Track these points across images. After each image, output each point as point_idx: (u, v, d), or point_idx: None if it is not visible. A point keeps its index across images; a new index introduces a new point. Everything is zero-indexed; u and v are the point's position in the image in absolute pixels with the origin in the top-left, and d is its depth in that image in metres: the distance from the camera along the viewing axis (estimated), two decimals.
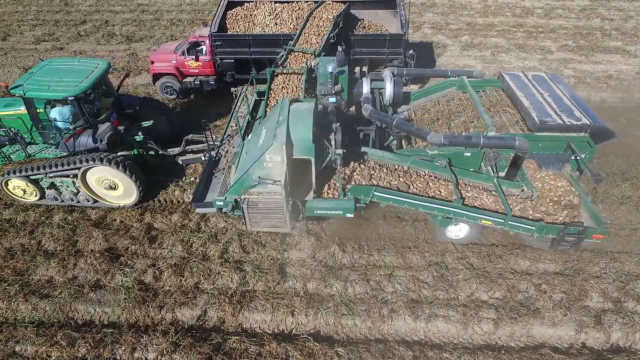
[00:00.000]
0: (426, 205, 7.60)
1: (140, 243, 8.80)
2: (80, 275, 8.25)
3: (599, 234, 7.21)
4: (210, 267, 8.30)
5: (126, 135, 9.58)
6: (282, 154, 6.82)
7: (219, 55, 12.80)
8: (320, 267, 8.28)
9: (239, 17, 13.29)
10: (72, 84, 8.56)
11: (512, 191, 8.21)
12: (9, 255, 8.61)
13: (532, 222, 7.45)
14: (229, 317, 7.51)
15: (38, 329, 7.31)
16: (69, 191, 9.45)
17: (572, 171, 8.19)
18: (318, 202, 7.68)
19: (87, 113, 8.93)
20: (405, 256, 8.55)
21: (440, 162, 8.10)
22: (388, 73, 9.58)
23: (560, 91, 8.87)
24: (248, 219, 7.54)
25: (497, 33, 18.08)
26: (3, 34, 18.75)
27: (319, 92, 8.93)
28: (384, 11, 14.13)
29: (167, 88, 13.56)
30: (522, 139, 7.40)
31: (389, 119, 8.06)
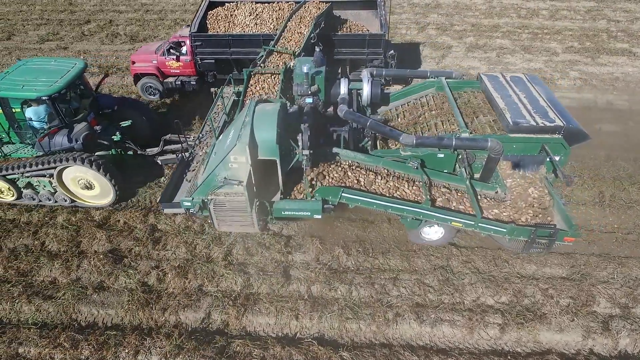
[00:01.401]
0: (395, 207, 7.54)
1: (144, 244, 8.77)
2: (83, 276, 8.23)
3: (570, 236, 7.14)
4: (214, 269, 8.26)
5: (104, 135, 9.55)
6: (246, 154, 6.84)
7: (199, 55, 12.79)
8: (324, 270, 8.22)
9: (220, 18, 13.26)
10: (46, 83, 8.57)
11: (487, 193, 8.18)
12: (13, 256, 8.59)
13: (503, 224, 7.37)
14: (233, 320, 7.46)
15: (41, 331, 7.29)
16: (46, 191, 9.43)
17: (547, 173, 8.11)
18: (285, 203, 7.66)
19: (63, 113, 8.93)
20: (410, 259, 8.49)
21: (412, 164, 8.06)
22: (366, 74, 9.56)
23: (536, 92, 8.83)
24: (215, 220, 7.59)
25: (502, 34, 17.98)
26: (7, 33, 18.77)
27: (295, 93, 8.94)
28: (365, 11, 14.05)
29: (148, 88, 13.60)
30: (495, 141, 7.42)
31: (363, 120, 8.07)
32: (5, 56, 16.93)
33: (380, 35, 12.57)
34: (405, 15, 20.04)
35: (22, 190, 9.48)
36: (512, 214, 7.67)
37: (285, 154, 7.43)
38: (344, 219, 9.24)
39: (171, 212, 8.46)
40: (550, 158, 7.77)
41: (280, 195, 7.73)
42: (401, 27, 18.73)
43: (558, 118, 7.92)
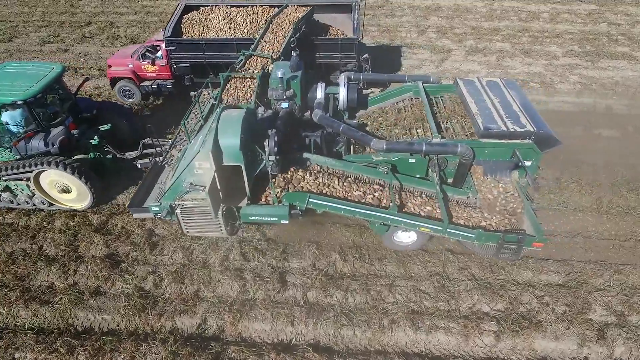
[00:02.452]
0: (363, 212, 7.56)
1: (141, 249, 8.80)
2: (80, 281, 8.26)
3: (538, 241, 7.14)
4: (211, 274, 8.28)
5: (82, 139, 9.59)
6: (210, 160, 6.86)
7: (174, 59, 12.85)
8: (320, 276, 8.23)
9: (195, 21, 13.28)
10: (22, 88, 8.62)
11: (459, 198, 8.23)
12: (10, 260, 8.63)
13: (471, 229, 7.39)
14: (229, 326, 7.48)
15: (38, 336, 7.31)
16: (24, 194, 9.49)
17: (519, 178, 8.11)
18: (252, 209, 7.67)
19: (40, 117, 8.97)
20: (407, 266, 8.49)
21: (383, 169, 8.11)
22: (343, 78, 9.62)
23: (511, 97, 8.88)
24: (183, 225, 7.65)
25: (502, 38, 17.97)
26: (9, 35, 18.85)
27: (271, 97, 8.97)
28: (341, 15, 14.08)
29: (125, 92, 13.70)
30: (465, 146, 7.50)
31: (336, 125, 8.13)
32: (7, 58, 16.99)
33: (353, 39, 12.62)
34: (406, 18, 20.06)
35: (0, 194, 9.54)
36: (483, 219, 7.73)
37: (252, 159, 7.47)
38: (341, 224, 9.25)
39: (140, 216, 8.49)
40: (522, 163, 7.82)
41: (247, 201, 7.75)
42: (401, 30, 18.74)
43: (529, 123, 7.99)
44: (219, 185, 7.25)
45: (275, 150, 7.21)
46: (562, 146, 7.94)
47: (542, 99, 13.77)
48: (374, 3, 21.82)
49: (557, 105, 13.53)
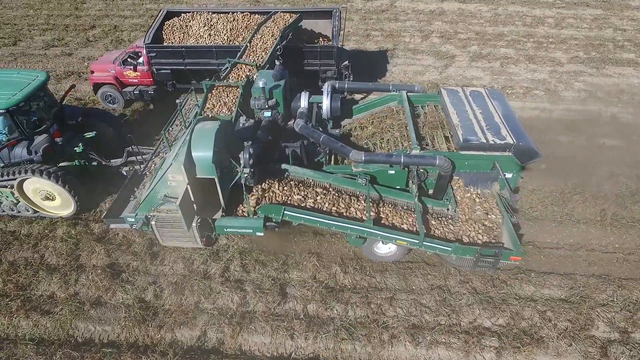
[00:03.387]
0: (338, 225, 7.54)
1: (142, 259, 8.80)
2: (81, 291, 8.27)
3: (516, 255, 7.12)
4: (211, 285, 8.27)
5: (67, 147, 9.62)
6: (182, 173, 6.86)
7: (155, 66, 12.91)
8: (321, 289, 8.20)
9: (175, 28, 13.28)
10: (4, 96, 8.66)
11: (439, 210, 8.22)
12: (12, 269, 8.66)
13: (448, 243, 7.36)
14: (228, 338, 7.47)
15: (38, 347, 7.33)
16: (8, 201, 9.54)
17: (500, 190, 8.07)
18: (227, 221, 7.67)
19: (24, 125, 9.02)
20: (408, 278, 8.44)
21: (361, 180, 8.09)
22: (327, 87, 9.61)
23: (493, 108, 8.85)
24: (158, 236, 7.65)
25: (507, 43, 17.85)
26: (14, 38, 18.94)
27: (253, 107, 8.99)
28: (323, 21, 14.05)
29: (107, 97, 13.81)
30: (443, 158, 7.52)
31: (316, 135, 8.13)
32: (11, 62, 17.08)
33: (332, 47, 12.60)
34: (410, 23, 19.97)
35: None
36: (461, 231, 7.72)
37: (227, 171, 7.45)
38: (341, 235, 9.21)
39: (117, 227, 8.45)
40: (502, 175, 7.81)
41: (222, 213, 7.75)
42: (405, 35, 18.67)
43: (509, 135, 7.98)
44: (192, 198, 7.24)
45: (251, 162, 7.22)
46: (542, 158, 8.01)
47: (546, 107, 13.68)
48: (378, 7, 21.79)
49: (561, 113, 13.43)
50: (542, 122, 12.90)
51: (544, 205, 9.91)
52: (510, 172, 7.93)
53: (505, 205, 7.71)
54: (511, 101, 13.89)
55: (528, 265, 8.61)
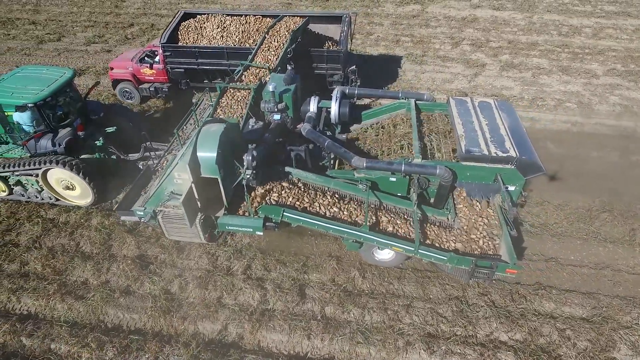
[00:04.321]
0: (335, 229, 7.68)
1: (169, 252, 9.20)
2: (112, 279, 8.74)
3: (512, 268, 7.08)
4: (234, 282, 8.58)
5: (89, 140, 10.18)
6: (187, 172, 7.19)
7: (170, 64, 13.44)
8: (339, 292, 8.38)
9: (190, 29, 13.76)
10: (33, 91, 9.22)
11: (438, 219, 8.28)
12: (50, 255, 9.23)
13: (444, 252, 7.39)
14: (248, 334, 7.75)
15: (72, 329, 7.82)
16: (33, 189, 10.16)
17: (502, 202, 7.98)
18: (229, 219, 7.98)
19: (50, 118, 9.57)
20: (426, 287, 8.51)
21: (362, 186, 8.21)
22: (337, 92, 9.74)
23: (500, 120, 8.80)
24: (164, 229, 7.97)
25: (540, 53, 17.50)
26: (58, 34, 19.92)
27: (263, 109, 9.23)
28: (334, 26, 14.20)
29: (125, 93, 14.51)
30: (444, 168, 7.61)
31: (322, 140, 8.34)
32: (55, 57, 18.00)
33: (339, 51, 12.77)
34: (440, 29, 19.85)
35: (12, 188, 10.28)
36: (458, 241, 7.76)
37: (231, 172, 7.74)
38: None
39: (127, 219, 8.87)
40: (504, 187, 7.78)
41: (224, 211, 8.03)
42: (435, 42, 18.58)
43: (513, 148, 7.96)
44: (197, 196, 7.62)
45: (254, 164, 7.47)
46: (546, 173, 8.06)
47: (578, 120, 13.38)
48: (409, 13, 21.74)
49: (593, 127, 13.10)
50: (573, 136, 12.64)
51: (570, 222, 9.75)
52: (513, 185, 7.93)
53: (506, 217, 7.72)
54: (541, 113, 13.73)
55: (549, 281, 8.53)
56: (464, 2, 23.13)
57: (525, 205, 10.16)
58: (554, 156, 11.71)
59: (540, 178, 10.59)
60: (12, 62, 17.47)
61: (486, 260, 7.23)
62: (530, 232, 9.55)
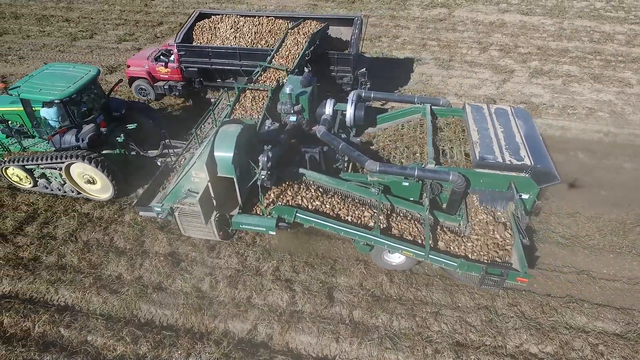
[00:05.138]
0: (347, 231, 7.75)
1: (199, 251, 9.39)
2: (145, 275, 8.96)
3: (522, 277, 7.03)
4: (263, 282, 8.71)
5: (111, 136, 10.47)
6: (204, 171, 7.37)
7: (184, 64, 13.69)
8: (367, 296, 8.42)
9: (205, 29, 13.91)
10: (60, 88, 9.49)
11: (450, 225, 8.29)
12: (86, 248, 9.51)
13: (454, 258, 7.37)
14: (277, 335, 7.86)
15: (107, 322, 8.05)
16: (56, 182, 10.54)
17: (515, 210, 7.88)
18: (243, 218, 8.12)
19: (75, 114, 9.89)
20: (454, 295, 8.49)
21: (374, 190, 8.26)
22: (352, 95, 9.79)
23: (516, 127, 8.71)
24: (180, 226, 8.17)
25: (571, 60, 17.19)
26: (90, 32, 20.44)
27: (280, 111, 9.35)
28: (346, 28, 14.20)
29: (140, 90, 14.95)
30: (457, 174, 7.61)
31: (336, 142, 8.41)
32: (87, 54, 18.48)
33: (349, 54, 12.80)
34: (468, 34, 19.67)
35: (37, 180, 10.66)
36: (470, 247, 7.74)
37: (246, 172, 7.87)
38: None
39: (146, 215, 9.07)
40: (518, 195, 7.72)
41: (239, 210, 8.19)
42: (462, 47, 18.42)
43: (528, 157, 7.87)
44: (212, 194, 7.80)
45: (269, 165, 7.61)
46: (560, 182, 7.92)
47: (611, 130, 13.11)
48: (435, 16, 21.59)
49: (627, 138, 12.83)
50: (605, 147, 12.39)
51: (602, 235, 9.58)
52: (527, 193, 7.88)
53: (518, 225, 7.67)
54: (572, 122, 13.51)
55: (581, 294, 8.41)
56: (491, 6, 22.86)
57: (556, 216, 10.05)
58: (585, 167, 11.53)
59: (572, 189, 10.55)
60: (47, 58, 18.01)
61: (497, 268, 7.25)
62: (561, 244, 9.42)
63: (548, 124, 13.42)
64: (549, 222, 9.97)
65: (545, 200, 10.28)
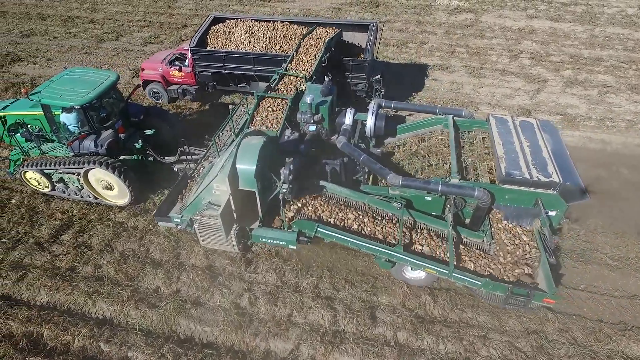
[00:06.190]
0: (369, 247, 7.57)
1: (237, 265, 9.22)
2: (182, 289, 8.81)
3: (550, 298, 6.79)
4: (303, 300, 8.50)
5: (128, 142, 10.41)
6: (226, 184, 7.33)
7: (197, 68, 13.73)
8: (411, 317, 8.18)
9: (219, 33, 13.87)
10: (80, 94, 9.43)
11: (473, 241, 8.06)
12: (122, 260, 9.39)
13: (479, 276, 7.14)
14: (320, 356, 7.65)
15: (147, 338, 7.91)
16: (74, 187, 10.56)
17: (541, 227, 7.58)
18: (263, 231, 8.07)
19: (94, 119, 9.85)
20: (501, 318, 8.21)
21: (396, 204, 8.04)
22: (373, 105, 9.55)
23: (543, 141, 8.41)
24: (200, 237, 8.21)
25: (605, 69, 16.73)
26: (116, 34, 20.41)
27: (299, 120, 9.20)
28: (360, 34, 14.00)
29: (154, 93, 14.97)
30: (482, 190, 7.36)
31: (357, 154, 8.20)
32: (114, 56, 18.45)
33: (364, 60, 12.64)
34: (496, 41, 19.28)
35: (55, 184, 10.64)
36: (495, 266, 7.49)
37: (267, 185, 7.76)
38: None
39: (164, 225, 9.00)
40: (545, 213, 7.44)
41: (259, 223, 8.10)
42: (491, 54, 18.04)
43: (556, 173, 7.56)
44: (233, 207, 7.78)
45: (290, 178, 7.48)
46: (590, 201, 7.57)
47: None
48: (462, 22, 21.22)
49: None
50: None
51: None
52: (554, 211, 7.60)
53: (545, 243, 7.40)
54: (612, 135, 13.11)
55: (635, 321, 8.08)
56: (519, 11, 22.41)
57: (603, 235, 9.71)
58: (630, 183, 11.11)
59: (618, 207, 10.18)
60: (74, 60, 18.05)
61: (522, 288, 7.03)
62: (610, 265, 9.08)
63: (587, 137, 13.04)
64: (596, 241, 9.64)
65: (589, 218, 9.95)
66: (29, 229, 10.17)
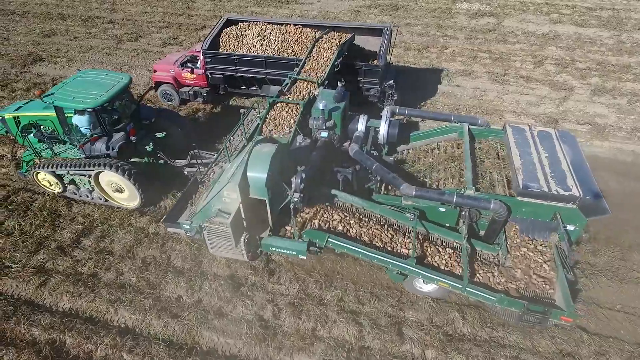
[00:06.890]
0: (380, 259, 7.38)
1: (260, 275, 9.05)
2: (205, 299, 8.67)
3: (567, 316, 6.49)
4: (327, 313, 8.31)
5: (139, 145, 10.35)
6: (237, 192, 7.23)
7: (209, 70, 13.73)
8: (439, 334, 7.93)
9: (232, 36, 13.79)
10: (93, 96, 9.35)
11: (488, 254, 7.78)
12: (144, 266, 9.29)
13: (494, 292, 6.87)
14: None
15: (169, 349, 7.78)
16: (85, 188, 10.59)
17: (559, 242, 7.28)
18: (273, 240, 7.94)
19: (106, 122, 9.79)
20: (533, 338, 7.92)
21: (410, 215, 7.79)
22: (386, 112, 9.34)
23: (562, 153, 8.09)
24: (209, 245, 8.03)
25: (634, 77, 16.24)
26: (135, 34, 20.43)
27: (312, 126, 9.00)
28: (374, 38, 13.74)
29: (166, 95, 14.96)
30: (498, 203, 7.09)
31: (369, 163, 8.00)
32: (133, 57, 18.45)
33: (377, 66, 12.41)
34: (519, 46, 18.87)
35: (66, 186, 10.63)
36: (509, 280, 7.22)
37: (278, 193, 7.60)
38: None
39: (173, 231, 8.90)
40: (563, 227, 7.12)
41: (269, 232, 7.96)
42: (515, 60, 17.65)
43: (576, 186, 7.25)
44: (243, 215, 7.65)
45: (302, 187, 7.30)
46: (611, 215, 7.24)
47: None
48: (484, 26, 20.84)
49: None
50: None
51: None
52: (572, 225, 7.30)
53: (563, 259, 7.10)
54: None
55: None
56: (542, 16, 21.94)
57: (638, 252, 9.34)
58: None
59: None
60: (95, 61, 18.10)
61: (539, 305, 6.76)
62: None
63: (617, 148, 12.64)
64: (630, 259, 9.29)
65: (625, 234, 9.60)
66: (51, 233, 10.14)
